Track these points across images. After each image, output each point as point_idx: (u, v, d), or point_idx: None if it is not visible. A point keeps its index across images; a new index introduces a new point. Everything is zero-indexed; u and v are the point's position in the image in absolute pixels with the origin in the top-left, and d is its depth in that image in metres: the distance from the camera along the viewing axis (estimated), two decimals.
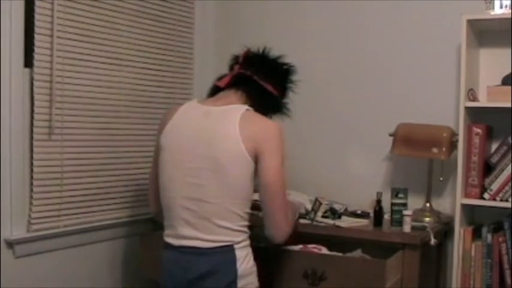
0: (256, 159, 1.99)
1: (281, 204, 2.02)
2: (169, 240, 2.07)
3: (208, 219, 1.99)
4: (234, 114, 2.02)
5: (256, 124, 2.02)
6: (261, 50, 2.25)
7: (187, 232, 2.02)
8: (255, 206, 2.15)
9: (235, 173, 1.98)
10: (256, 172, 2.01)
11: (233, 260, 1.99)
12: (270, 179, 1.99)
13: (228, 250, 1.99)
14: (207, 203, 1.99)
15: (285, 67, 2.26)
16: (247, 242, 2.06)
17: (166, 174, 2.07)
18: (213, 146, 1.99)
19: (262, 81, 2.16)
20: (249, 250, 2.06)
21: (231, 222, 2.00)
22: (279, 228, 2.03)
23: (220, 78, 2.20)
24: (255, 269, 2.06)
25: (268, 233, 2.05)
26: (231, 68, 2.24)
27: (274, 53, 2.26)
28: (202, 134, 2.02)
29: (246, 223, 2.05)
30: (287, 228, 2.05)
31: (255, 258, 2.08)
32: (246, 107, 2.07)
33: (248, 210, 2.06)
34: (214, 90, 2.19)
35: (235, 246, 2.00)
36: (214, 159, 1.98)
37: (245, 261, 2.02)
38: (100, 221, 2.67)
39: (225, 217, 1.99)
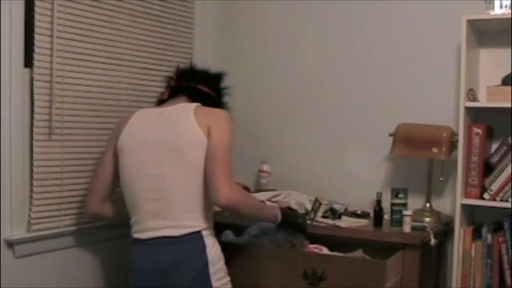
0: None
1: (222, 168, 2.05)
2: (137, 235, 2.15)
3: (174, 206, 2.08)
4: (187, 108, 2.17)
5: (209, 112, 2.18)
6: (188, 65, 2.46)
7: (154, 223, 2.10)
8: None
9: (198, 158, 2.07)
10: None
11: (202, 247, 2.07)
12: (214, 146, 2.07)
13: (196, 237, 2.07)
14: (171, 191, 2.08)
15: (215, 74, 2.43)
16: (213, 231, 2.16)
17: (128, 174, 2.18)
18: (173, 136, 2.11)
19: (198, 85, 2.32)
20: (216, 239, 2.15)
21: (197, 206, 2.08)
22: (217, 189, 2.03)
23: (161, 94, 2.39)
24: (222, 256, 2.14)
25: (211, 197, 2.06)
26: (168, 85, 2.39)
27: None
28: (160, 128, 2.15)
29: (210, 209, 2.14)
30: (226, 190, 2.03)
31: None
32: (196, 103, 2.22)
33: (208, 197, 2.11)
34: (160, 103, 2.35)
35: (203, 232, 2.08)
36: (175, 148, 2.09)
37: (213, 248, 2.10)
38: (100, 220, 2.66)
39: (190, 202, 2.08)
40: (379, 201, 2.49)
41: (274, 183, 2.91)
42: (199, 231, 2.08)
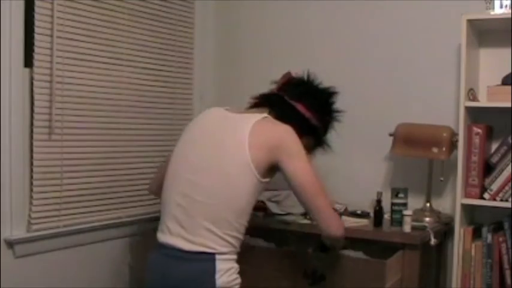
0: (267, 171, 1.96)
1: (322, 201, 1.97)
2: (158, 235, 2.03)
3: (195, 217, 1.93)
4: (247, 122, 1.98)
5: (266, 132, 1.97)
6: (305, 77, 2.23)
7: (173, 228, 1.97)
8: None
9: (237, 180, 1.93)
10: (259, 187, 1.97)
11: (212, 271, 1.91)
12: (299, 180, 1.96)
13: (208, 259, 1.91)
14: (198, 201, 1.94)
15: (323, 89, 2.22)
16: (233, 256, 1.97)
17: (171, 168, 2.07)
18: (220, 150, 1.96)
19: (292, 101, 2.13)
20: (234, 265, 1.97)
21: (218, 228, 1.92)
22: (330, 225, 1.97)
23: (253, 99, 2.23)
24: (237, 282, 1.96)
25: (323, 233, 2.01)
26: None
27: (316, 78, 2.24)
28: (214, 135, 2.00)
29: (236, 235, 1.96)
30: (337, 222, 1.99)
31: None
32: (263, 115, 2.04)
33: (244, 223, 1.98)
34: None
35: (217, 256, 1.92)
36: (219, 162, 1.95)
37: (226, 275, 1.93)
38: (100, 221, 2.66)
39: (213, 220, 1.92)
40: (379, 201, 2.49)
41: (274, 183, 2.90)
42: (212, 254, 1.91)
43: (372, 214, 2.53)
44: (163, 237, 2.01)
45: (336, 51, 2.98)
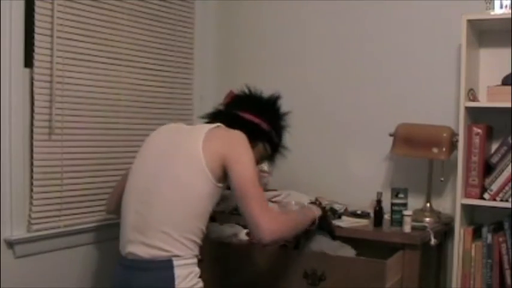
0: (221, 176, 2.00)
1: (255, 207, 1.95)
2: (120, 248, 2.07)
3: (152, 222, 1.97)
4: (200, 130, 2.06)
5: (219, 138, 2.04)
6: (247, 90, 2.30)
7: (132, 236, 2.01)
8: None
9: (193, 185, 1.97)
10: (215, 191, 2.01)
11: (171, 278, 1.92)
12: (238, 184, 1.97)
13: (165, 267, 1.93)
14: (155, 206, 1.98)
15: (266, 96, 2.28)
16: (191, 261, 1.98)
17: (129, 182, 2.11)
18: (174, 156, 2.02)
19: (240, 112, 2.20)
20: (194, 269, 1.99)
21: (174, 230, 1.95)
22: (257, 228, 1.95)
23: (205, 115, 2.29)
24: (199, 287, 1.99)
25: (254, 237, 2.01)
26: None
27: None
28: (168, 145, 2.07)
29: (194, 238, 1.98)
30: (267, 226, 1.95)
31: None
32: (216, 124, 2.10)
33: (201, 227, 2.00)
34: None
35: (175, 262, 1.94)
36: (173, 168, 2.00)
37: (185, 281, 1.94)
38: (100, 221, 2.66)
39: (169, 223, 1.95)
40: (379, 201, 2.49)
41: (274, 183, 2.91)
42: (169, 260, 1.93)
43: (372, 214, 2.53)
44: (123, 249, 2.05)
45: (336, 52, 2.98)
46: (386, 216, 2.50)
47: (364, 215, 2.60)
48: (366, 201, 2.71)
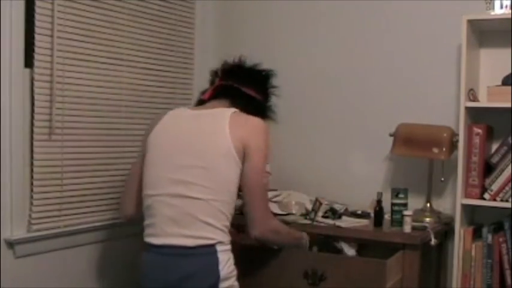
0: (243, 159, 2.04)
1: (259, 202, 2.05)
2: (151, 239, 2.06)
3: (192, 214, 2.00)
4: (223, 115, 2.08)
5: (245, 124, 2.08)
6: (236, 60, 2.35)
7: (170, 229, 2.01)
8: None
9: (224, 171, 2.02)
10: (239, 173, 2.05)
11: (216, 263, 1.99)
12: (249, 176, 2.03)
13: (210, 252, 1.99)
14: (193, 199, 2.00)
15: (263, 73, 2.34)
16: (229, 247, 2.06)
17: (151, 174, 2.10)
18: (203, 144, 2.03)
19: (243, 88, 2.23)
20: (231, 255, 2.06)
21: (216, 220, 2.00)
22: (255, 222, 2.05)
23: (203, 92, 2.30)
24: (235, 272, 2.06)
25: (248, 229, 2.07)
26: (212, 83, 2.32)
27: (252, 60, 2.37)
28: (192, 133, 2.07)
29: (228, 224, 2.06)
30: (265, 224, 2.06)
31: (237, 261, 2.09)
32: (233, 109, 2.13)
33: (232, 212, 2.07)
34: (200, 104, 2.26)
35: (218, 248, 2.00)
36: (204, 157, 2.02)
37: (227, 265, 2.01)
38: (100, 221, 2.66)
39: (210, 214, 2.00)
40: (379, 201, 2.49)
41: (274, 183, 2.91)
42: (213, 245, 1.99)
43: (372, 214, 2.53)
44: (157, 239, 2.04)
45: (336, 51, 2.98)
46: (387, 217, 2.50)
47: (364, 215, 2.60)
48: (366, 202, 2.71)
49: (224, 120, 2.05)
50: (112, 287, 2.75)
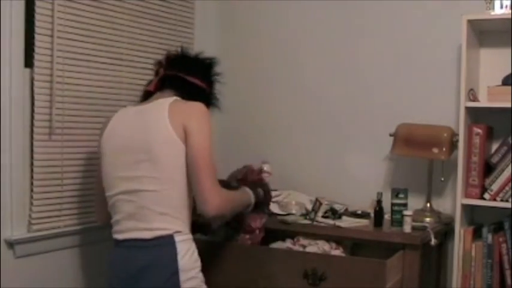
0: (186, 142, 2.04)
1: (206, 177, 2.01)
2: (116, 236, 2.13)
3: (148, 207, 2.03)
4: (163, 105, 2.09)
5: (185, 109, 2.08)
6: (179, 50, 2.35)
7: (130, 224, 2.07)
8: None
9: (170, 159, 2.03)
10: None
11: (174, 253, 2.00)
12: (193, 152, 2.02)
13: (168, 243, 2.00)
14: (146, 191, 2.03)
15: (207, 61, 2.35)
16: (189, 236, 2.07)
17: (107, 175, 2.15)
18: (147, 137, 2.05)
19: (188, 77, 2.24)
20: (192, 245, 2.07)
21: (172, 210, 2.03)
22: (206, 201, 2.01)
23: (148, 84, 2.31)
24: (198, 263, 2.07)
25: (198, 208, 2.04)
26: (157, 73, 2.31)
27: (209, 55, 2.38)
28: (135, 129, 2.10)
29: (187, 212, 2.07)
30: (216, 201, 2.01)
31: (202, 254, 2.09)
32: (174, 98, 2.14)
33: (191, 202, 2.07)
34: (146, 96, 2.28)
35: (176, 238, 2.01)
36: (149, 149, 2.04)
37: (187, 255, 2.02)
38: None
39: (165, 204, 2.03)
40: (379, 201, 2.49)
41: (274, 183, 2.91)
42: (171, 235, 2.01)
43: (372, 214, 2.53)
44: (120, 235, 2.10)
45: (336, 51, 2.98)
46: (387, 217, 2.50)
47: (364, 215, 2.60)
48: (366, 202, 2.71)
49: (164, 109, 2.06)
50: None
